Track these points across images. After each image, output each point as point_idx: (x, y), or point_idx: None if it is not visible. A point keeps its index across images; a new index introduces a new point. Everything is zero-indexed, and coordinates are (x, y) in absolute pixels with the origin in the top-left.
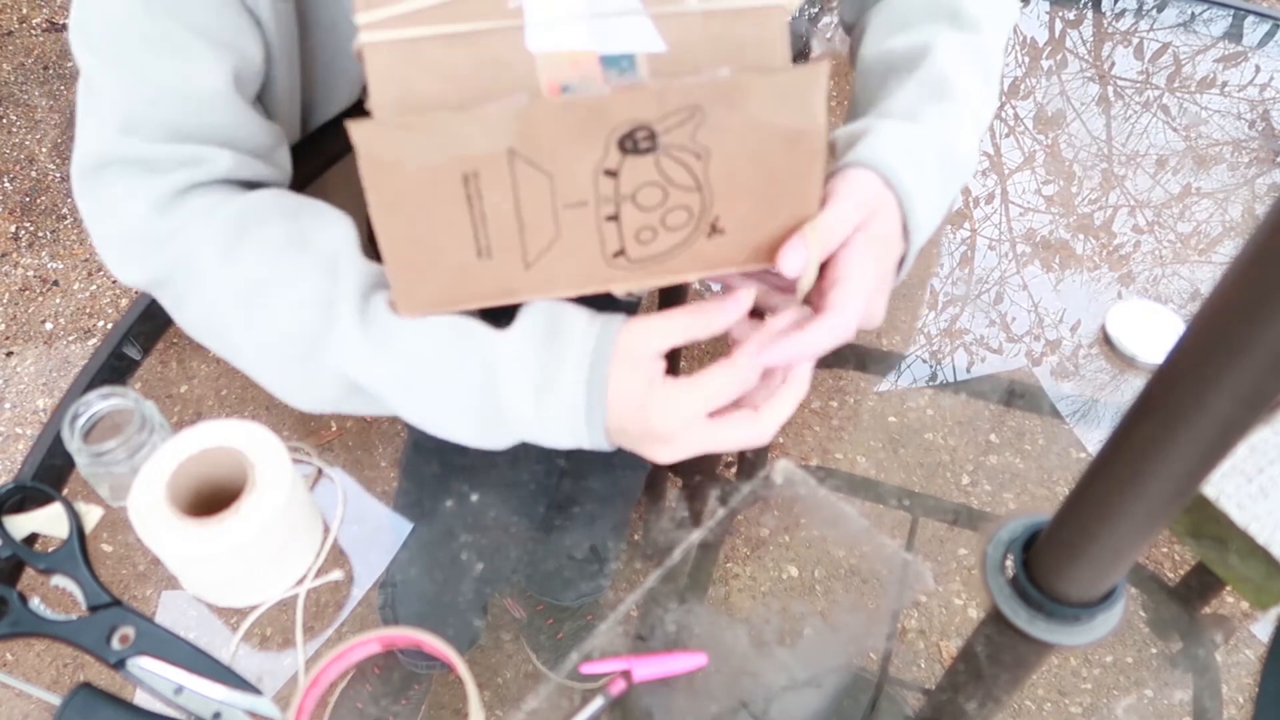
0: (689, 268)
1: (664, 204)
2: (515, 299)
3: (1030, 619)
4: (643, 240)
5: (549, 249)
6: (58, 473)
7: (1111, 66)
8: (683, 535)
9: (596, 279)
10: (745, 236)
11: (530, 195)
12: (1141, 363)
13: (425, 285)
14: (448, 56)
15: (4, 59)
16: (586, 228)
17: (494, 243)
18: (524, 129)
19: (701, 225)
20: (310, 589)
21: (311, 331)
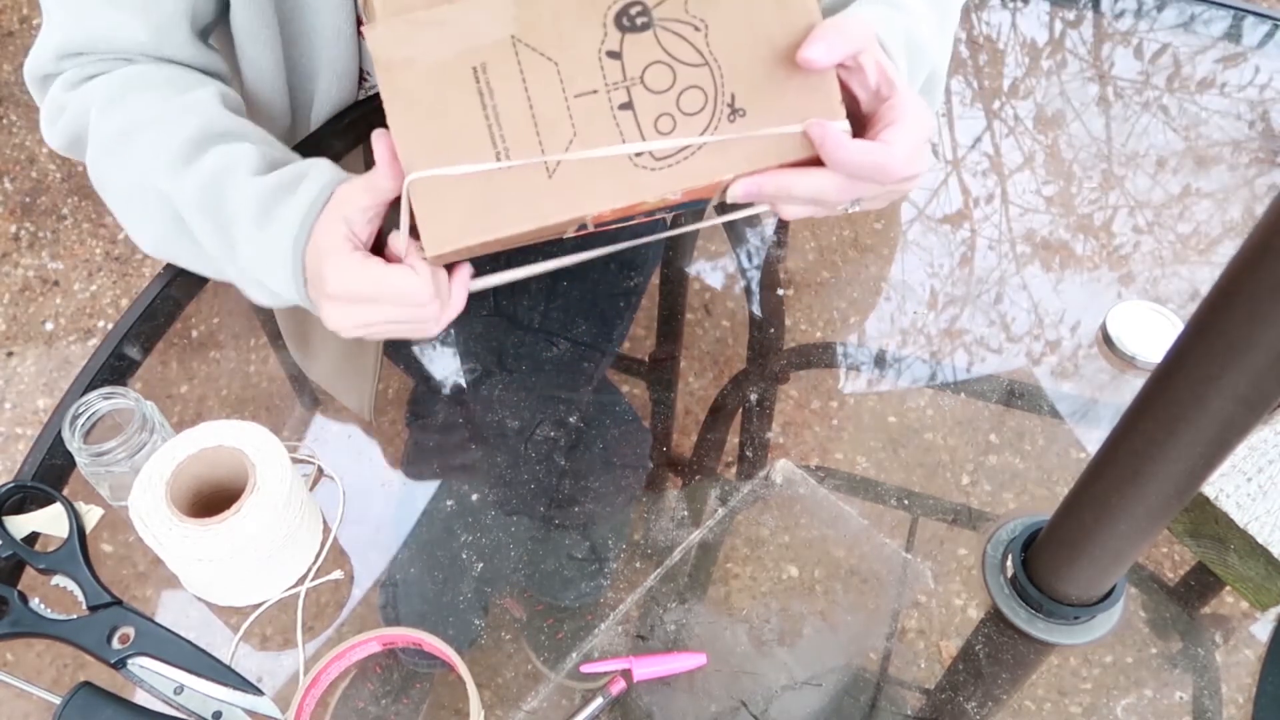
0: (721, 165)
1: (675, 84)
2: (546, 221)
3: (1030, 619)
4: (662, 130)
5: (568, 149)
6: (58, 473)
7: (1111, 67)
8: (683, 535)
9: (626, 184)
10: (768, 113)
11: (539, 86)
12: (1141, 363)
13: (450, 209)
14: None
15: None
16: (602, 120)
17: (512, 145)
18: (524, 14)
19: (720, 106)
20: (310, 589)
21: (153, 165)
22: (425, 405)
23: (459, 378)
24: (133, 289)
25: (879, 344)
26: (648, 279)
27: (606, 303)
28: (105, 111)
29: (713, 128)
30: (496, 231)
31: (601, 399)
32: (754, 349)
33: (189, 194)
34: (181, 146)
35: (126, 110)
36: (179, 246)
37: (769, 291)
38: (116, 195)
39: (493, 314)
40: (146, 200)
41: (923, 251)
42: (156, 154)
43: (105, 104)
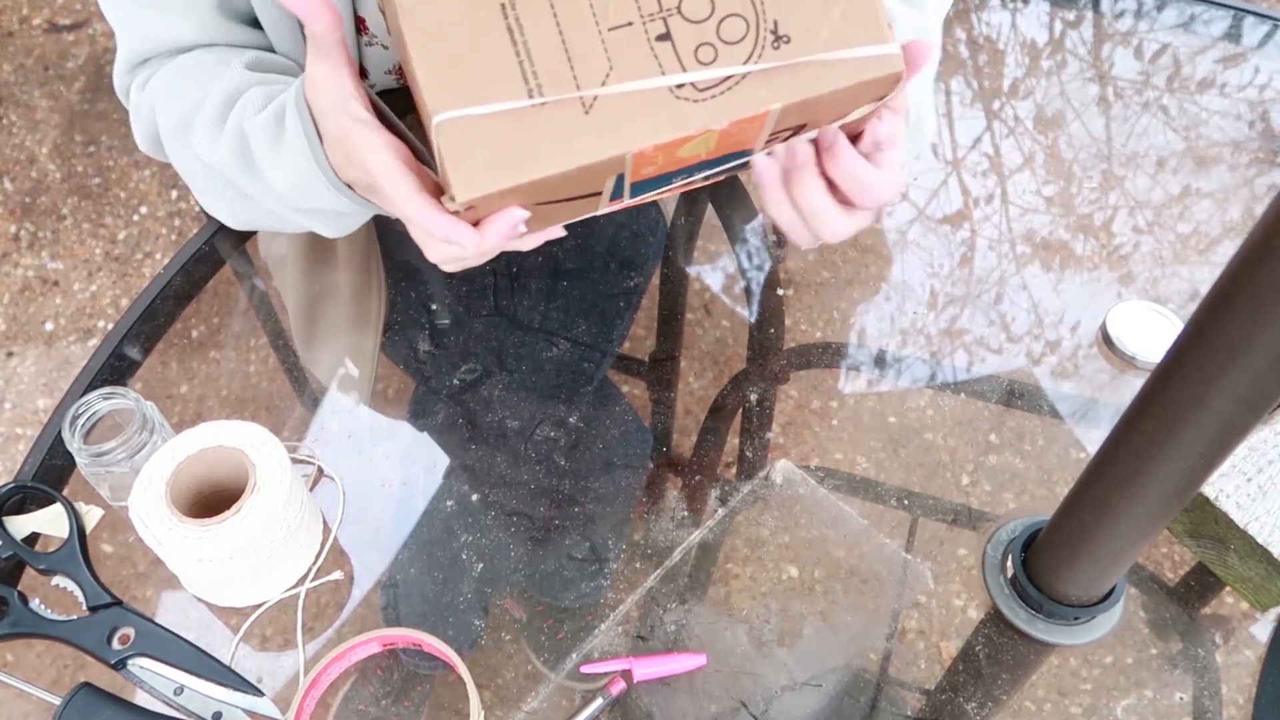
0: (767, 94)
1: (714, 13)
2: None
3: (1030, 619)
4: (703, 60)
5: (605, 84)
6: (58, 473)
7: (1111, 67)
8: (683, 535)
9: (669, 118)
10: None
11: (571, 20)
12: (1141, 363)
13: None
14: None
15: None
16: (639, 52)
17: (544, 80)
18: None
19: (762, 33)
20: (310, 589)
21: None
22: (425, 405)
23: (459, 378)
24: (133, 289)
25: (879, 344)
26: (648, 279)
27: (606, 303)
28: (164, 105)
29: (756, 56)
30: (531, 173)
31: (601, 399)
32: (754, 349)
33: (226, 159)
34: (213, 119)
35: (181, 98)
36: (251, 212)
37: (769, 291)
38: (191, 179)
39: (493, 314)
40: (209, 178)
41: (923, 251)
42: (200, 134)
43: (164, 99)
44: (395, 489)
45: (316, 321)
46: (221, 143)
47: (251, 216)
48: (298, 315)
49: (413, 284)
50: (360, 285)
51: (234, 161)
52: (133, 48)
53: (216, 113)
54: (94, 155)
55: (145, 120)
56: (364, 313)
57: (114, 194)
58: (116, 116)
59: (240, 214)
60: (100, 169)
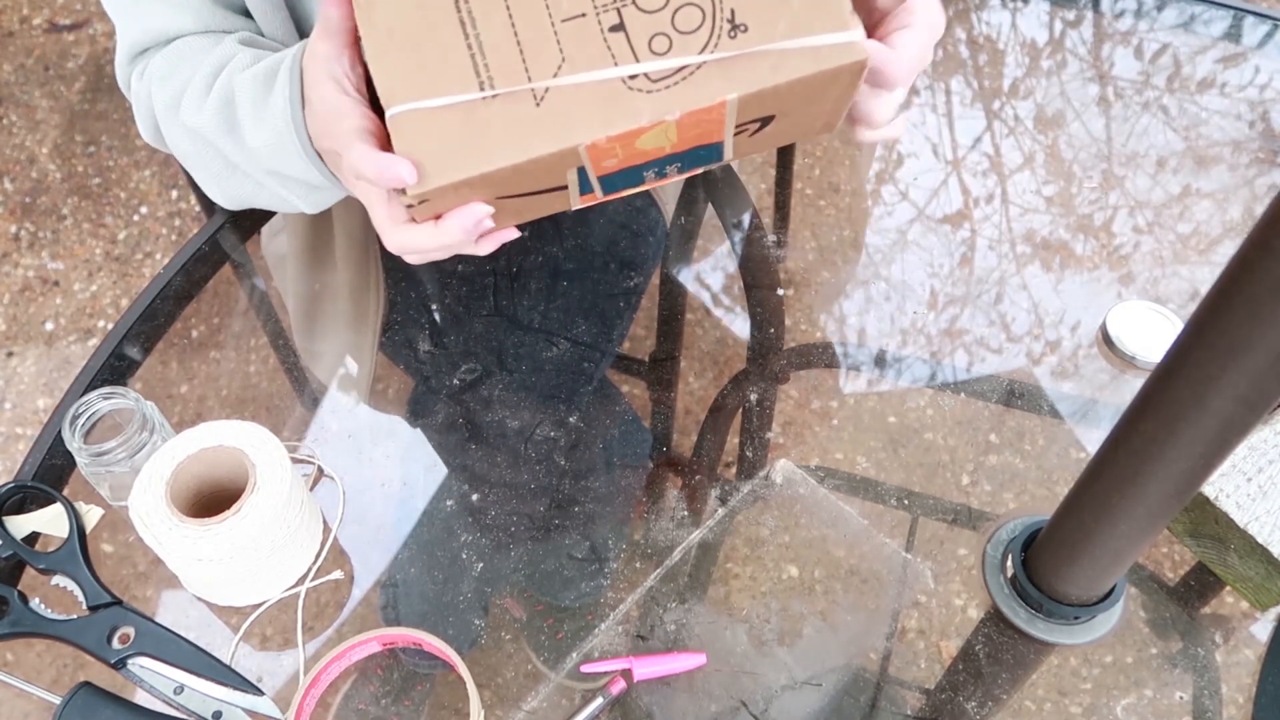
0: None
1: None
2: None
3: (1030, 619)
4: (658, 50)
5: (556, 75)
6: (58, 473)
7: (1111, 67)
8: (683, 535)
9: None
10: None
11: (524, 12)
12: (1141, 363)
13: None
14: None
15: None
16: (592, 44)
17: (496, 73)
18: None
19: (719, 23)
20: (310, 589)
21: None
22: (425, 405)
23: (459, 378)
24: (133, 289)
25: (879, 344)
26: (648, 279)
27: (606, 303)
28: (160, 87)
29: (712, 45)
30: (482, 166)
31: (601, 399)
32: (754, 349)
33: (209, 122)
34: (201, 87)
35: (175, 80)
36: (237, 185)
37: (769, 291)
38: (185, 159)
39: (493, 314)
40: (201, 151)
41: (923, 251)
42: (188, 102)
43: (159, 81)
44: (395, 489)
45: (316, 321)
46: (207, 106)
47: (237, 190)
48: (297, 314)
49: (412, 284)
50: (359, 284)
51: (217, 122)
52: (133, 39)
53: (204, 80)
54: (94, 155)
55: (145, 107)
56: (363, 312)
57: (114, 194)
58: (116, 116)
59: (227, 188)
60: (100, 169)
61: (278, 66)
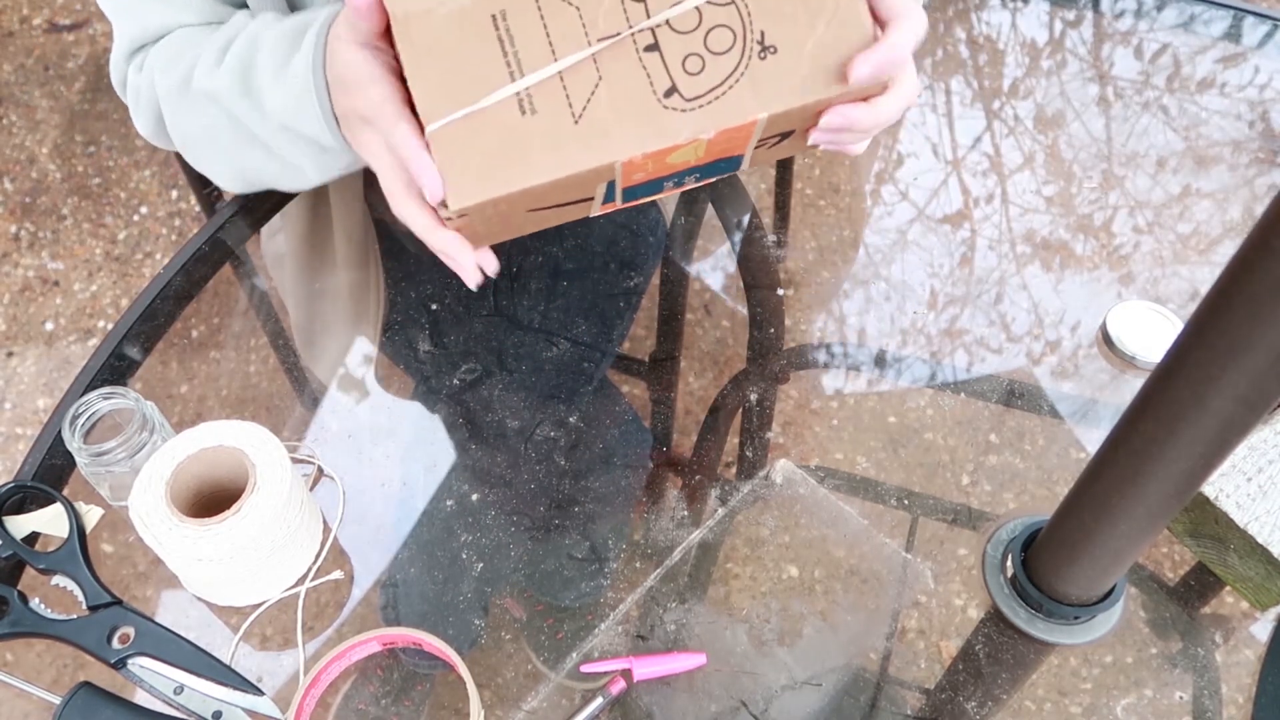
0: (753, 103)
1: (701, 24)
2: (574, 169)
3: (1030, 619)
4: (691, 70)
5: (594, 94)
6: (58, 473)
7: (1111, 67)
8: (683, 535)
9: (656, 126)
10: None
11: (561, 31)
12: (1141, 363)
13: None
14: None
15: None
16: (628, 63)
17: (535, 92)
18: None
19: (749, 44)
20: (310, 589)
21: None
22: (425, 405)
23: (459, 378)
24: (133, 289)
25: (879, 344)
26: (648, 279)
27: (606, 303)
28: (163, 73)
29: (743, 66)
30: (523, 182)
31: (601, 399)
32: (754, 349)
33: (224, 82)
34: (214, 54)
35: (179, 64)
36: (248, 157)
37: (769, 291)
38: (189, 145)
39: (493, 314)
40: (212, 123)
41: (923, 251)
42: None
43: (163, 68)
44: (395, 489)
45: (316, 321)
46: (223, 68)
47: (245, 161)
48: (297, 314)
49: (412, 283)
50: (359, 284)
51: (232, 80)
52: (131, 36)
53: (218, 47)
54: (94, 155)
55: (146, 99)
56: (363, 312)
57: (114, 194)
58: (116, 116)
59: (236, 160)
60: (100, 169)
61: (305, 27)
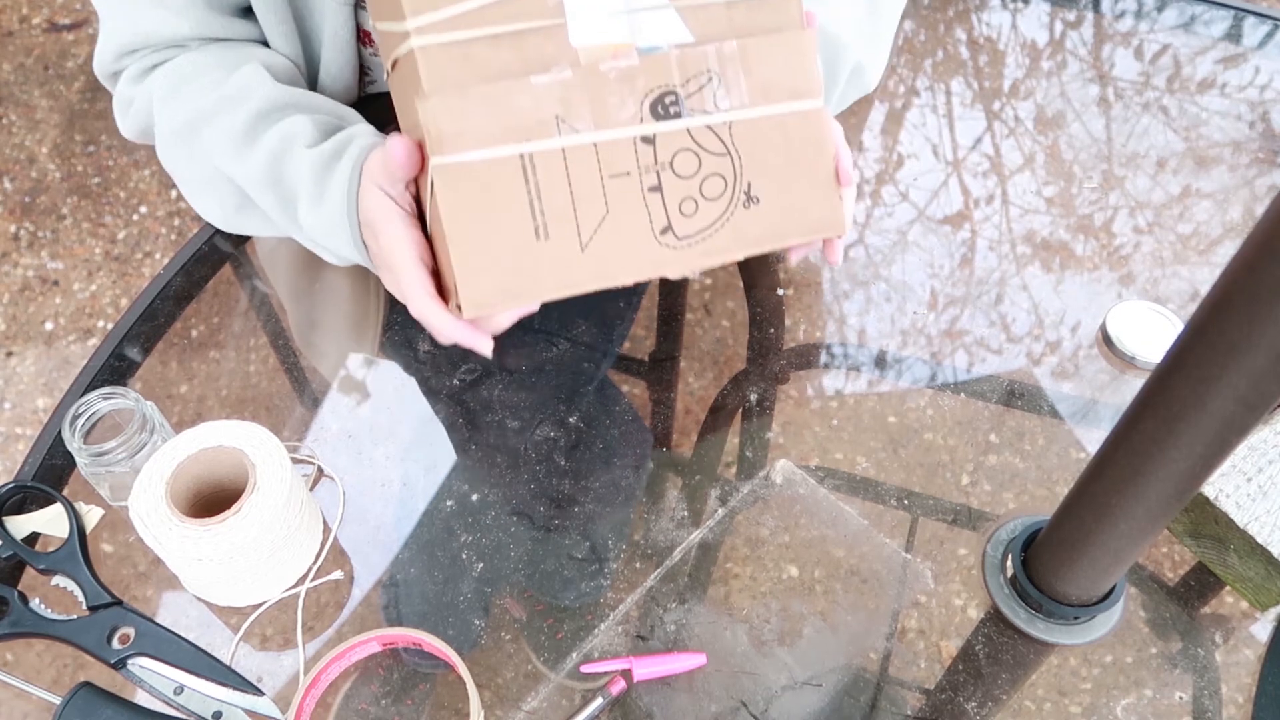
0: (734, 245)
1: (699, 171)
2: (575, 289)
3: (1029, 619)
4: (686, 212)
5: (601, 226)
6: (58, 473)
7: (1111, 68)
8: (683, 535)
9: (650, 260)
10: (780, 205)
11: (579, 165)
12: (1141, 363)
13: (488, 276)
14: (495, 55)
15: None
16: (633, 200)
17: (550, 220)
18: (569, 97)
19: (737, 194)
20: (310, 589)
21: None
22: (425, 405)
23: (459, 378)
24: (132, 289)
25: (879, 344)
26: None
27: (606, 303)
28: (166, 104)
29: (730, 213)
30: (531, 298)
31: (601, 399)
32: (754, 349)
33: (253, 175)
34: (241, 132)
35: (184, 102)
36: (248, 219)
37: (769, 291)
38: (185, 181)
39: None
40: (215, 184)
41: (923, 252)
42: (218, 143)
43: (165, 97)
44: (395, 489)
45: (315, 321)
46: (248, 161)
47: (245, 224)
48: (296, 315)
49: None
50: (359, 284)
51: (260, 181)
52: (123, 40)
53: (246, 130)
54: (94, 155)
55: (138, 113)
56: (363, 312)
57: (114, 193)
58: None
59: (234, 221)
60: (100, 168)
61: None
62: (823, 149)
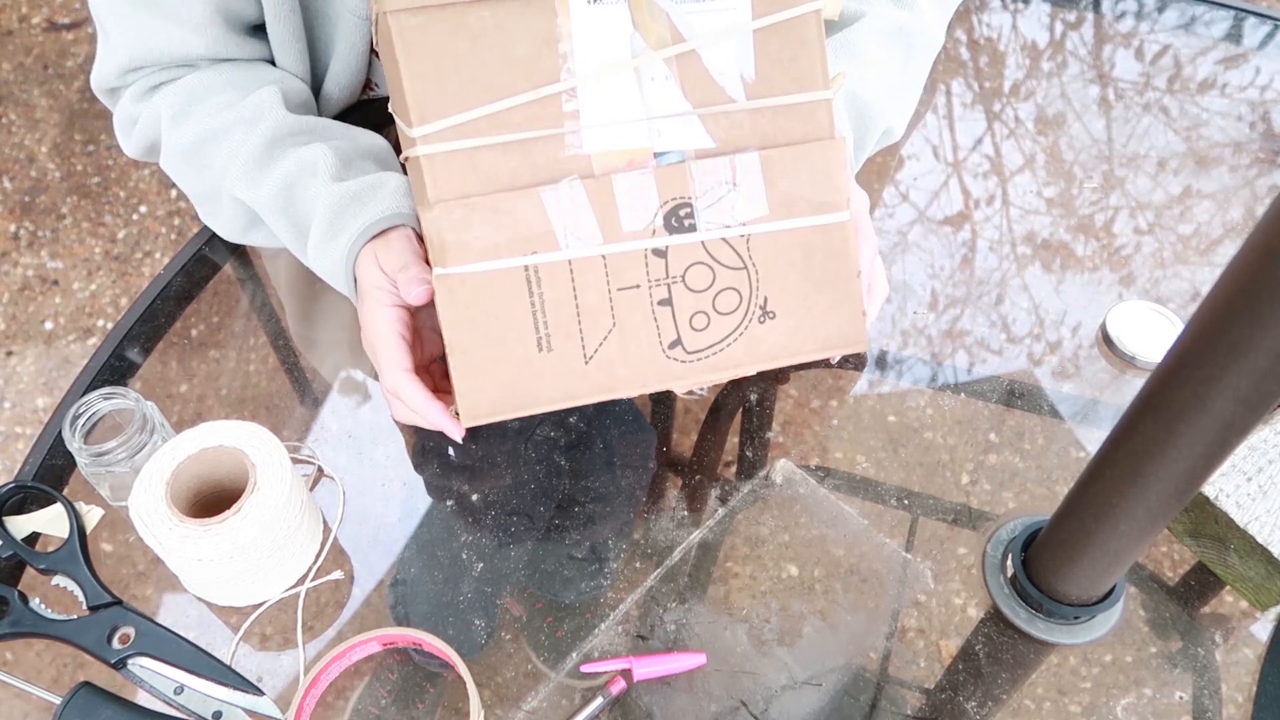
0: (746, 359)
1: (713, 285)
2: (576, 401)
3: (1029, 618)
4: (697, 327)
5: (606, 339)
6: (58, 473)
7: (1112, 68)
8: (683, 535)
9: (657, 373)
10: (798, 320)
11: (586, 278)
12: (1141, 363)
13: (489, 386)
14: (502, 163)
15: (3, 58)
16: (641, 313)
17: (554, 332)
18: (576, 208)
19: (752, 308)
20: (310, 589)
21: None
22: None
23: None
24: (132, 288)
25: (879, 344)
26: None
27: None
28: (175, 123)
29: (743, 328)
30: (531, 409)
31: None
32: None
33: (265, 199)
34: (254, 157)
35: (194, 122)
36: (255, 235)
37: None
38: (193, 196)
39: None
40: (221, 203)
41: (923, 253)
42: (229, 166)
43: (174, 116)
44: (395, 489)
45: (315, 321)
46: (261, 186)
47: (254, 238)
48: (294, 315)
49: None
50: None
51: (272, 206)
52: (131, 54)
53: (260, 156)
54: (93, 154)
55: (143, 132)
56: None
57: (113, 193)
58: None
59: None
60: (99, 168)
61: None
62: (846, 264)
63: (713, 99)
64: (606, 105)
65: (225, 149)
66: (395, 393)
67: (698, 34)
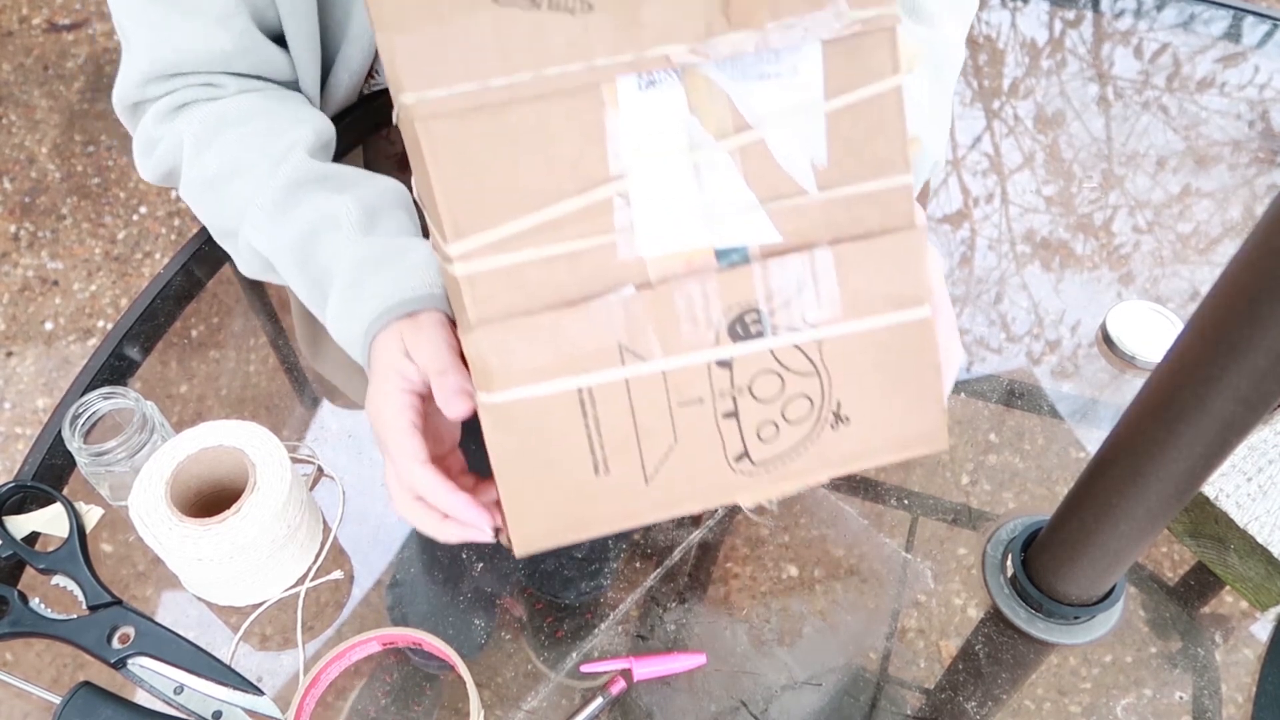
0: (818, 468)
1: (782, 393)
2: (636, 522)
3: (1029, 618)
4: (764, 438)
5: (668, 457)
6: (58, 472)
7: (1111, 67)
8: (683, 535)
9: (722, 489)
10: (872, 424)
11: (644, 396)
12: (1141, 363)
13: (542, 513)
14: (549, 278)
15: (4, 59)
16: (705, 428)
17: (611, 454)
18: (632, 322)
19: (824, 415)
20: (310, 589)
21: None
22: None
23: None
24: (132, 289)
25: None
26: None
27: None
28: (198, 152)
29: (814, 435)
30: (588, 533)
31: None
32: None
33: (281, 246)
34: (274, 200)
35: (217, 153)
36: (269, 278)
37: None
38: (209, 227)
39: None
40: (237, 243)
41: None
42: (247, 205)
43: (197, 144)
44: None
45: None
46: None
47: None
48: (300, 314)
49: None
50: None
51: (290, 255)
52: (153, 56)
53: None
54: (93, 155)
55: (163, 156)
56: None
57: (113, 194)
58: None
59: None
60: (100, 169)
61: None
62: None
63: (780, 189)
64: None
65: (243, 188)
66: (412, 487)
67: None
